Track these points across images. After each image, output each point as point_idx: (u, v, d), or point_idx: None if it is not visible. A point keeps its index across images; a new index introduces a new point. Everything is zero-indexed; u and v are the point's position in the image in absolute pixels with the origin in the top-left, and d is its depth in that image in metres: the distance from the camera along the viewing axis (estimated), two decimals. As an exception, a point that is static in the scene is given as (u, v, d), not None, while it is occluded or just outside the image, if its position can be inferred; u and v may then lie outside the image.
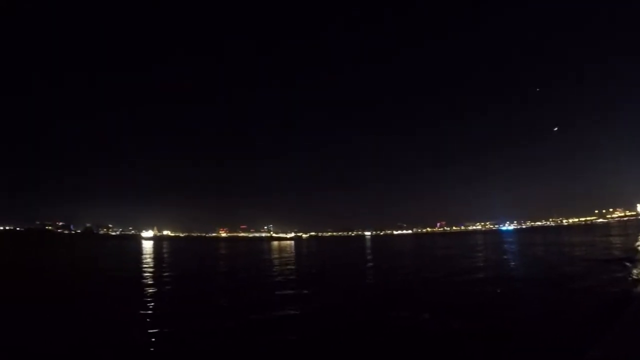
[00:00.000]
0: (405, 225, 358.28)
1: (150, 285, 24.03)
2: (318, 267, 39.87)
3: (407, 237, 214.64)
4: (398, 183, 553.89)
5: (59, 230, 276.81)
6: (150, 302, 18.61)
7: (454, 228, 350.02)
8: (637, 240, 57.78)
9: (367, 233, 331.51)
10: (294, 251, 72.87)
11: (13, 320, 14.35)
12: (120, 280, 27.13)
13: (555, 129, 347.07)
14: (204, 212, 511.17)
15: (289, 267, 37.69)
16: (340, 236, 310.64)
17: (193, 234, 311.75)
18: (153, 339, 12.27)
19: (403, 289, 22.27)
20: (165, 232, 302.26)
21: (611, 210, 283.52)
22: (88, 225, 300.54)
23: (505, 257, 44.91)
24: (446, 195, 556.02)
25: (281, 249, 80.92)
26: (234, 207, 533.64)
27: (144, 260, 46.81)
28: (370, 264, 42.72)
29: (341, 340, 12.33)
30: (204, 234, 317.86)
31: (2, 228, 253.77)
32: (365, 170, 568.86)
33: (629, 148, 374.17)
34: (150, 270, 34.59)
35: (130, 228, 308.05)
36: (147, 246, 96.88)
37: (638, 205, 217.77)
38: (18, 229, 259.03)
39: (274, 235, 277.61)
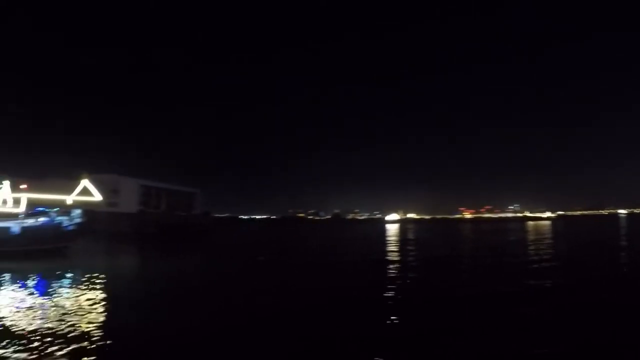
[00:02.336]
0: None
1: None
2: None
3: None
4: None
5: (309, 217, 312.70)
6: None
7: None
8: None
9: (622, 211, 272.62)
10: (551, 235, 60.54)
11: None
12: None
13: None
14: (447, 193, 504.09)
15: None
16: (590, 215, 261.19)
17: (437, 216, 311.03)
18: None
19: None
20: (409, 215, 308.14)
21: None
22: (336, 211, 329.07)
23: None
24: None
25: (537, 231, 70.50)
26: (476, 187, 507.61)
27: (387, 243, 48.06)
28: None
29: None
30: (448, 216, 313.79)
31: (259, 217, 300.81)
32: (619, 144, 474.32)
33: None
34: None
35: (377, 212, 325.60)
36: (391, 228, 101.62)
37: None
38: (273, 217, 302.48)
39: (529, 214, 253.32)
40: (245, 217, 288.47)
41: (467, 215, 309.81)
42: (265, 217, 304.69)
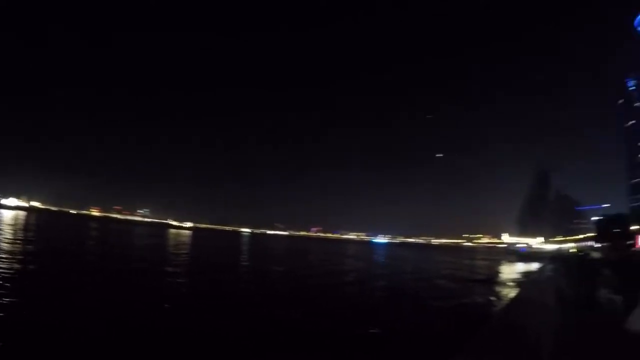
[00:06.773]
0: (282, 225, 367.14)
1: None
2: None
3: (282, 238, 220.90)
4: (282, 182, 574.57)
5: None
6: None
7: (329, 235, 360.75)
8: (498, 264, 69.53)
9: (245, 229, 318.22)
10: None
11: None
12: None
13: (440, 155, 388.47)
14: (79, 185, 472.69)
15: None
16: (216, 230, 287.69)
17: (64, 209, 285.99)
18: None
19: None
20: (33, 203, 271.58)
21: (480, 235, 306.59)
22: None
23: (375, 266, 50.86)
24: (326, 202, 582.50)
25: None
26: (109, 185, 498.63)
27: None
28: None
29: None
30: (77, 211, 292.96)
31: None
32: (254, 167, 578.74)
33: (500, 180, 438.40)
34: None
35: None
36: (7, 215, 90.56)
37: (502, 234, 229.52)
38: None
39: (173, 223, 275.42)
40: None
41: (96, 213, 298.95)
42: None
